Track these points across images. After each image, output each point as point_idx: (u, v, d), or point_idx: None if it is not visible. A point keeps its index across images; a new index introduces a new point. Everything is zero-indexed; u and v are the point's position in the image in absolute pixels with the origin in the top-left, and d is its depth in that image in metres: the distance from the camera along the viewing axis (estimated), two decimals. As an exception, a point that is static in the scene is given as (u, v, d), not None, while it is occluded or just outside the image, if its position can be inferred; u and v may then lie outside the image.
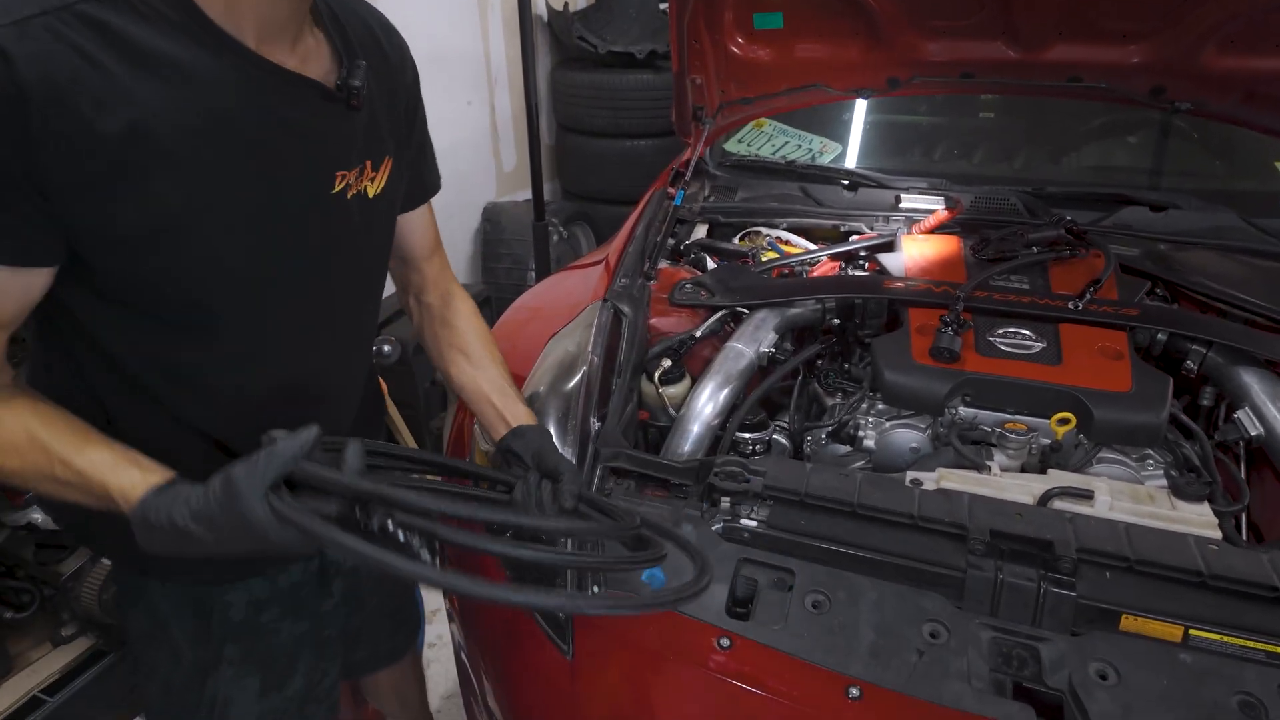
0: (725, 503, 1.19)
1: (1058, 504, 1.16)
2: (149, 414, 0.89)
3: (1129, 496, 1.17)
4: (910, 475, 1.22)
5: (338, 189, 0.87)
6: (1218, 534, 1.11)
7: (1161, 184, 2.16)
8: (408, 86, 1.01)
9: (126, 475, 0.74)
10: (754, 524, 1.16)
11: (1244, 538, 1.28)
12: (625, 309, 1.56)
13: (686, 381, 1.50)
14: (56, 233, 0.72)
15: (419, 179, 1.10)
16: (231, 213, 0.78)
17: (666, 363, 1.49)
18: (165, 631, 1.04)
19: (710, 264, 1.90)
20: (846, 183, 2.07)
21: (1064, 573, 1.03)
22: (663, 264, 1.91)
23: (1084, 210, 1.89)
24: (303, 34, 0.83)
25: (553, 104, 4.26)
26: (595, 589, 1.12)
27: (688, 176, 2.09)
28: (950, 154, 2.35)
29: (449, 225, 3.52)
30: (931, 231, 1.81)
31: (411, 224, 1.13)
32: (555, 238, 3.68)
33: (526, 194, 3.44)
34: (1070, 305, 1.45)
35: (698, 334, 1.56)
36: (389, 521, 0.68)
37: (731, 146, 2.43)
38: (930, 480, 1.21)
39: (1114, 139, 2.37)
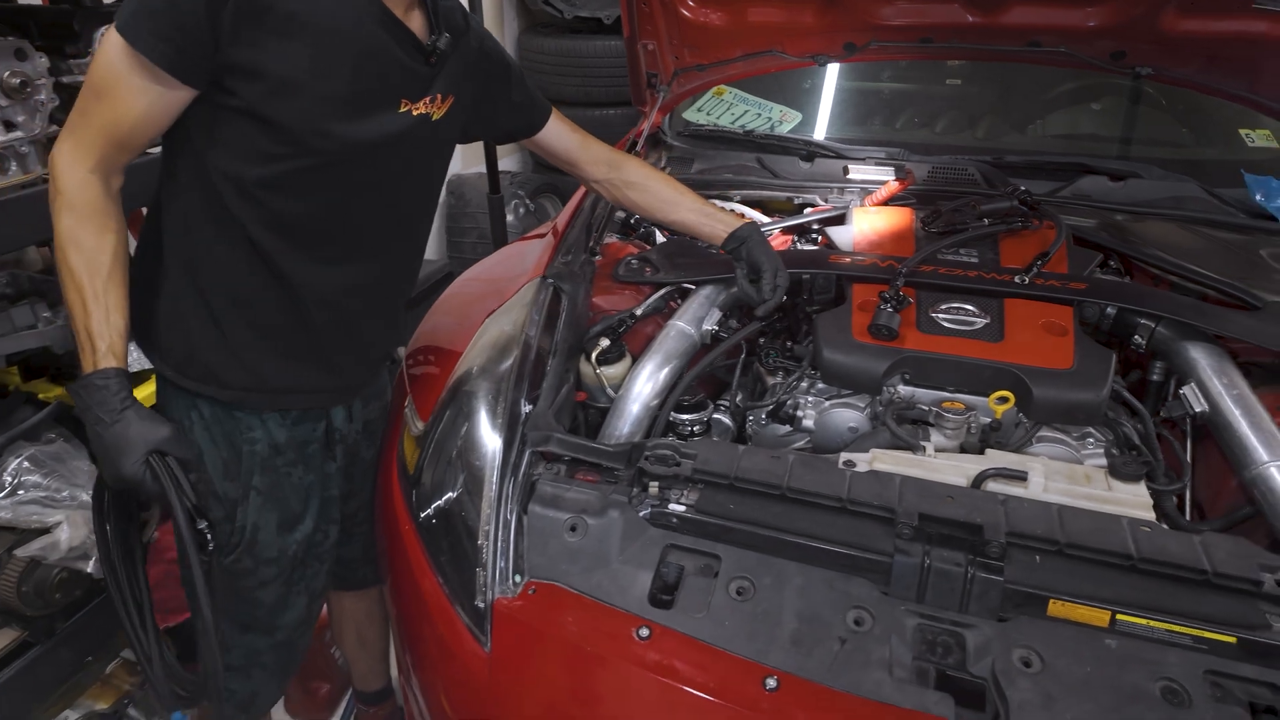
0: (654, 487, 1.16)
1: (991, 485, 1.13)
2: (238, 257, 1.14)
3: (1065, 477, 1.14)
4: (843, 457, 1.19)
5: (402, 110, 1.15)
6: (1152, 515, 1.09)
7: (1130, 153, 2.12)
8: (475, 50, 1.29)
9: (123, 348, 1.06)
10: (682, 509, 1.13)
11: (1187, 516, 1.26)
12: (565, 287, 1.51)
13: (626, 361, 1.45)
14: (208, 65, 1.00)
15: (530, 108, 1.46)
16: (330, 89, 1.06)
17: (604, 342, 1.44)
18: (199, 465, 1.21)
19: (660, 238, 1.85)
20: (803, 153, 2.02)
21: (992, 557, 1.01)
22: (612, 238, 1.86)
23: (1044, 180, 1.85)
24: (413, 4, 1.14)
25: (520, 72, 4.15)
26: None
27: (639, 146, 2.03)
28: (912, 122, 2.29)
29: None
30: (885, 203, 1.77)
31: (550, 137, 1.50)
32: (521, 210, 3.61)
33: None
34: (1016, 279, 1.41)
35: (638, 312, 1.51)
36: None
37: (691, 115, 2.36)
38: (864, 461, 1.18)
39: (1081, 106, 2.32)
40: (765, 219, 1.88)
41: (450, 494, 1.22)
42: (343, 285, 1.22)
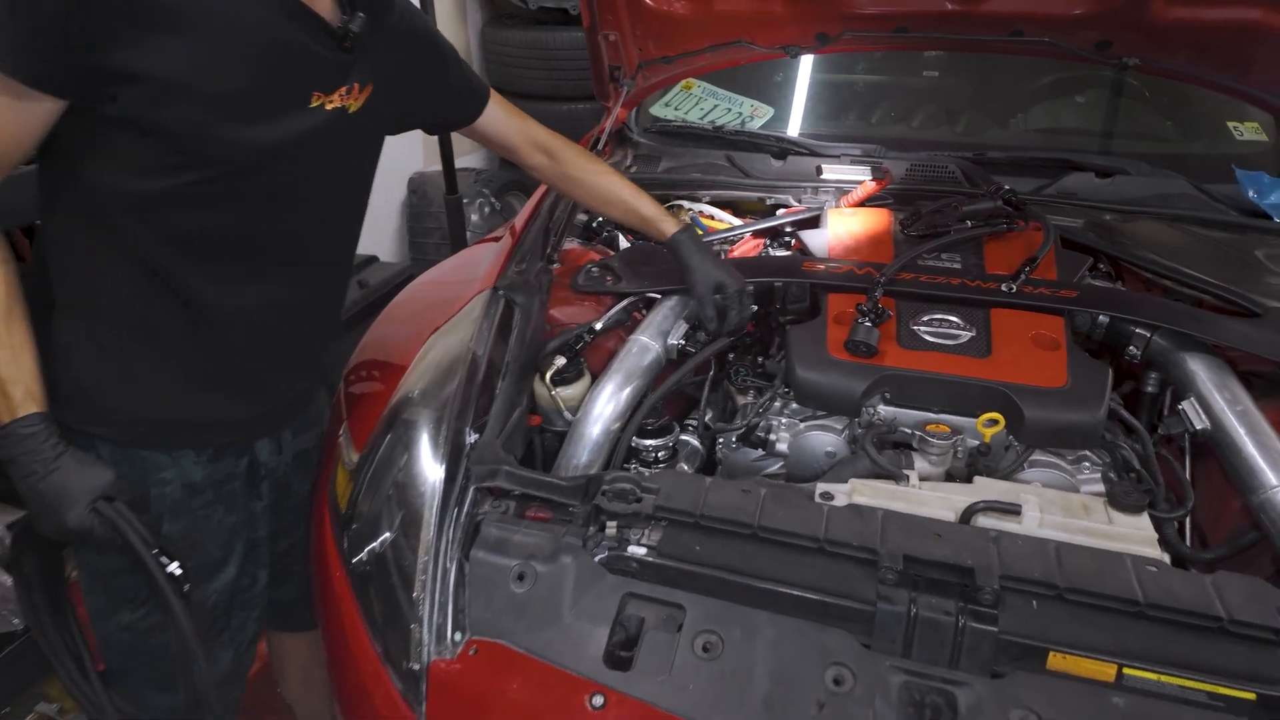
0: (612, 527, 1.04)
1: (981, 520, 1.03)
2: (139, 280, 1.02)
3: (1061, 509, 1.04)
4: (820, 488, 1.08)
5: (314, 105, 1.02)
6: (1157, 551, 0.99)
7: (1116, 147, 2.03)
8: (401, 30, 1.15)
9: (40, 390, 0.97)
10: (642, 551, 1.01)
11: (1187, 543, 1.17)
12: (518, 299, 1.39)
13: (585, 380, 1.34)
14: (75, 71, 0.87)
15: (469, 93, 1.34)
16: (225, 89, 0.93)
17: (560, 360, 1.32)
18: (146, 506, 1.11)
19: (624, 243, 1.73)
20: (775, 151, 1.90)
21: (985, 604, 0.91)
22: (572, 243, 1.74)
23: (1027, 177, 1.75)
24: None
25: (484, 65, 4.01)
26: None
27: (602, 143, 1.91)
28: (889, 117, 2.19)
29: (372, 198, 3.28)
30: (861, 204, 1.66)
31: (488, 123, 1.37)
32: (486, 209, 3.47)
33: (457, 161, 3.20)
34: (1003, 287, 1.31)
35: (598, 326, 1.39)
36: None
37: (658, 110, 2.24)
38: (842, 493, 1.07)
39: (1064, 99, 2.23)
40: (737, 221, 1.77)
41: (385, 536, 1.09)
42: (262, 304, 1.09)
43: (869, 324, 1.20)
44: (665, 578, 1.00)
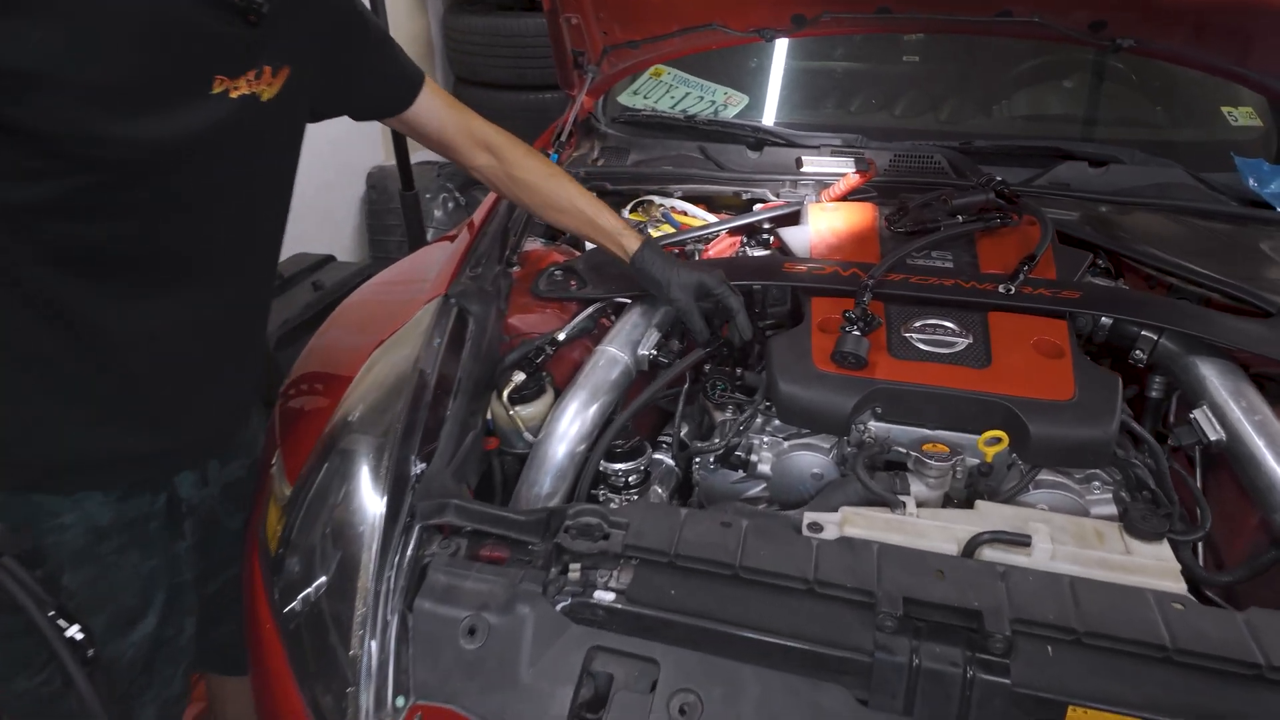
0: (576, 569, 0.93)
1: (987, 553, 0.92)
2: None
3: (1073, 537, 0.94)
4: (807, 518, 0.97)
5: (216, 91, 0.88)
6: (1181, 584, 0.90)
7: (1108, 135, 1.94)
8: (322, 9, 1.01)
9: None
10: (610, 597, 0.90)
11: (1200, 562, 1.08)
12: (472, 308, 1.26)
13: (547, 397, 1.22)
14: None
15: (399, 78, 1.19)
16: (103, 78, 0.80)
17: (519, 376, 1.20)
18: (43, 558, 0.98)
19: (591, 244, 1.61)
20: (751, 141, 1.79)
21: (995, 653, 0.81)
22: (534, 243, 1.62)
23: (1016, 167, 1.66)
24: None
25: (446, 53, 3.85)
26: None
27: (564, 134, 1.78)
28: (869, 105, 2.08)
29: (328, 194, 3.13)
30: (844, 198, 1.55)
31: (421, 114, 1.21)
32: (450, 204, 3.33)
33: (417, 155, 3.05)
34: (1001, 289, 1.21)
35: (561, 336, 1.27)
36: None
37: (626, 99, 2.11)
38: (832, 524, 0.97)
39: (1050, 84, 2.13)
40: (711, 217, 1.65)
41: (320, 581, 0.97)
42: (167, 324, 0.96)
43: (858, 333, 1.09)
44: (636, 627, 0.88)
